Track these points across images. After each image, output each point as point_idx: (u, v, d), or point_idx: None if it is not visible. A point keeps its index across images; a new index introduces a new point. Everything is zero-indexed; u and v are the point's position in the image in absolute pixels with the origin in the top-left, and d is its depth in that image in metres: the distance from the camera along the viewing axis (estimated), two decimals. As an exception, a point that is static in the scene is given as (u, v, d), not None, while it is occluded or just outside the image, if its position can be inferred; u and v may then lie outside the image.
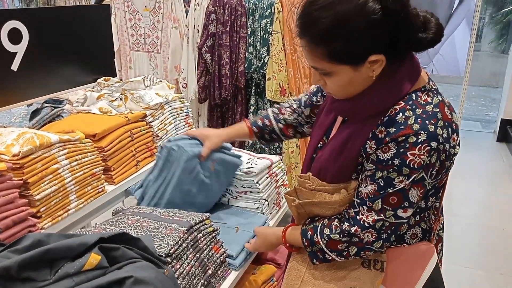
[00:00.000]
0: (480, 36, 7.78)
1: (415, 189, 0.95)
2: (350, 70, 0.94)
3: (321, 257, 1.05)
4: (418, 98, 0.96)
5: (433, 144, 0.92)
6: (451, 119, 0.97)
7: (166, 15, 2.96)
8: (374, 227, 0.98)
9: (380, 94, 0.97)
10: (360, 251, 1.01)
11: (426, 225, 1.09)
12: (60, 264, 0.82)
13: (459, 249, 2.79)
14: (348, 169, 1.04)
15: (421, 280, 1.06)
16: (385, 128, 0.95)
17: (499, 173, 4.04)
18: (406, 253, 1.06)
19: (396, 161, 0.93)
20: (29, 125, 1.65)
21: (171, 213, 1.19)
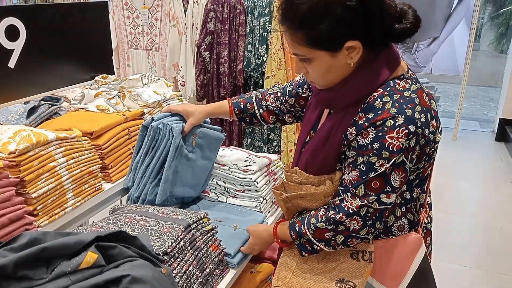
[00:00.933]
0: (479, 36, 7.79)
1: (396, 173, 0.96)
2: (328, 56, 0.98)
3: (309, 248, 1.06)
4: (396, 85, 1.00)
5: (411, 127, 0.94)
6: (430, 105, 1.00)
7: (164, 13, 2.95)
8: (358, 213, 0.99)
9: (359, 82, 1.00)
10: (347, 240, 1.02)
11: (413, 217, 1.10)
12: (56, 263, 0.82)
13: (457, 248, 2.79)
14: (332, 159, 1.06)
15: (410, 271, 1.07)
16: (364, 114, 0.98)
17: (497, 173, 4.05)
18: (394, 245, 1.08)
19: (375, 145, 0.95)
20: (26, 123, 1.64)
21: (168, 212, 1.18)
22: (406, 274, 1.07)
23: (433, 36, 4.72)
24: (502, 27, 7.60)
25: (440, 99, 6.86)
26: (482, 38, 8.13)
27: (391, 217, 1.07)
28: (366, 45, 0.96)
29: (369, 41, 0.96)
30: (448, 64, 4.78)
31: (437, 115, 1.03)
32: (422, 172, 1.06)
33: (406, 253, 1.07)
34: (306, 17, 0.94)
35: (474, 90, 7.52)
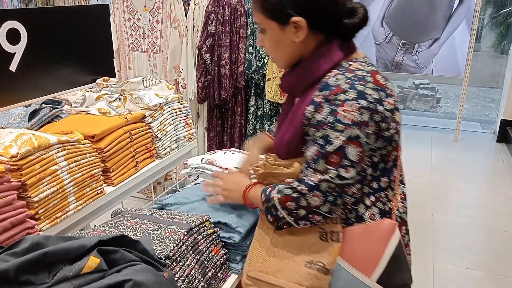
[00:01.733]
0: (480, 37, 7.79)
1: (353, 147, 1.00)
2: (278, 28, 1.09)
3: (274, 213, 1.09)
4: (350, 66, 1.07)
5: (362, 102, 1.00)
6: (384, 85, 1.06)
7: (165, 15, 2.96)
8: (319, 188, 1.02)
9: (313, 64, 1.09)
10: (308, 215, 1.06)
11: (384, 206, 1.13)
12: (58, 267, 0.82)
13: (459, 250, 2.79)
14: (298, 142, 1.11)
15: (384, 257, 1.08)
16: (320, 92, 1.04)
17: (498, 174, 4.04)
18: (368, 230, 1.10)
19: (330, 118, 1.01)
20: (28, 126, 1.64)
21: (170, 215, 1.18)
22: (381, 260, 1.08)
23: (434, 37, 4.72)
24: (502, 28, 7.60)
25: (441, 100, 6.86)
26: (482, 39, 8.12)
27: (361, 206, 1.11)
28: (314, 28, 1.07)
29: (316, 23, 1.07)
30: (449, 65, 4.78)
31: (394, 94, 1.08)
32: (387, 156, 1.10)
33: (379, 238, 1.09)
34: None
35: (475, 91, 7.51)
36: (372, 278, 1.07)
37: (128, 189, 1.57)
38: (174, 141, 1.81)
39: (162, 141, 1.73)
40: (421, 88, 6.73)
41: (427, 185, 3.72)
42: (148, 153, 1.68)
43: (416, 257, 2.67)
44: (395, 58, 4.91)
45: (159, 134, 1.71)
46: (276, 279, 1.12)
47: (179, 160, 1.90)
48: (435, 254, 2.72)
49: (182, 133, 1.86)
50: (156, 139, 1.71)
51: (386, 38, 4.89)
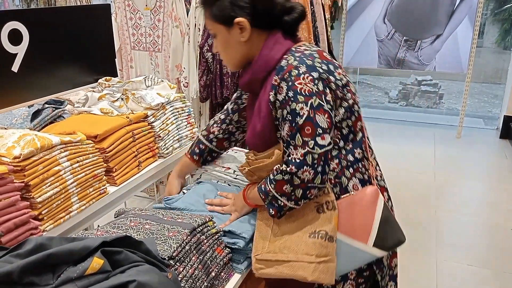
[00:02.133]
0: (482, 32, 7.75)
1: (319, 114, 1.08)
2: (225, 31, 1.20)
3: (275, 205, 1.14)
4: (298, 48, 1.18)
5: (314, 74, 1.10)
6: (331, 60, 1.18)
7: (167, 14, 2.95)
8: (306, 162, 1.07)
9: (265, 54, 1.18)
10: (305, 192, 1.11)
11: (363, 176, 1.21)
12: (62, 269, 0.82)
13: (463, 247, 2.78)
14: (270, 130, 1.19)
15: (376, 221, 1.16)
16: (276, 76, 1.14)
17: (502, 170, 4.02)
18: (354, 200, 1.18)
19: (290, 93, 1.10)
20: (30, 126, 1.64)
21: (173, 215, 1.18)
22: (373, 224, 1.16)
23: (437, 34, 4.70)
24: (506, 23, 7.56)
25: (444, 96, 6.83)
26: (485, 35, 8.08)
27: (343, 178, 1.19)
28: (257, 26, 1.18)
29: (258, 22, 1.17)
30: (451, 61, 4.76)
31: (342, 67, 1.19)
32: (354, 127, 1.20)
33: (367, 205, 1.17)
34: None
35: (478, 87, 7.47)
36: (369, 243, 1.16)
37: (131, 189, 1.57)
38: (176, 141, 1.81)
39: (164, 140, 1.73)
40: (423, 84, 6.71)
41: (430, 182, 3.71)
42: (151, 152, 1.68)
43: (420, 254, 2.69)
44: (397, 55, 4.90)
45: (162, 133, 1.71)
46: (285, 255, 1.15)
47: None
48: (439, 251, 2.72)
49: (184, 132, 1.86)
50: (158, 139, 1.71)
51: (388, 35, 4.87)
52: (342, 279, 1.23)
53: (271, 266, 1.16)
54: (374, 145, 1.33)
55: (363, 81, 7.63)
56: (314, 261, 1.13)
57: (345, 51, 5.08)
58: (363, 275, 1.25)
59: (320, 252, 1.14)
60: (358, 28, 4.98)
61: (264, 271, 1.16)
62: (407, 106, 6.68)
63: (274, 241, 1.18)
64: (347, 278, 1.23)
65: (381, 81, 7.80)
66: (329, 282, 1.15)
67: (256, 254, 1.17)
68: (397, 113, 6.17)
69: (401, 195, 3.39)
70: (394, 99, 6.93)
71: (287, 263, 1.14)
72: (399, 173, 3.87)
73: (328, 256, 1.14)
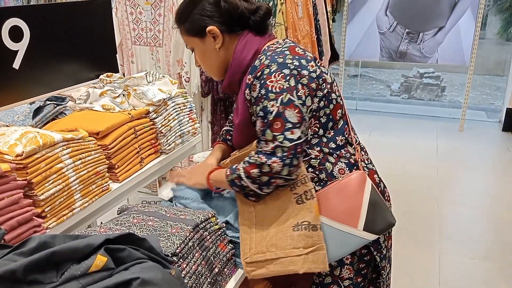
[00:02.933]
0: (485, 24, 7.70)
1: (289, 110, 1.13)
2: (200, 42, 1.29)
3: (238, 184, 1.19)
4: (271, 47, 1.24)
5: (285, 71, 1.15)
6: (304, 54, 1.22)
7: (167, 8, 2.94)
8: (275, 154, 1.12)
9: (238, 56, 1.25)
10: (270, 180, 1.14)
11: (348, 160, 1.26)
12: (66, 266, 0.82)
13: (465, 240, 2.78)
14: (248, 125, 1.24)
15: (364, 205, 1.20)
16: (250, 75, 1.20)
17: (504, 163, 4.02)
18: (342, 185, 1.21)
19: (262, 91, 1.15)
20: (32, 123, 1.64)
21: (176, 212, 1.18)
22: (361, 208, 1.20)
23: (439, 26, 4.67)
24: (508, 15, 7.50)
25: (446, 89, 6.81)
26: (487, 26, 8.03)
27: (327, 165, 1.24)
28: (227, 31, 1.26)
29: (227, 27, 1.25)
30: (454, 53, 4.73)
31: (315, 60, 1.23)
32: (333, 115, 1.24)
33: (354, 189, 1.21)
34: (182, 13, 1.29)
35: (480, 79, 7.44)
36: (359, 227, 1.20)
37: (134, 185, 1.57)
38: (178, 136, 1.81)
39: (166, 136, 1.73)
40: (425, 77, 6.69)
41: (433, 175, 3.71)
42: (153, 148, 1.68)
43: (422, 247, 2.69)
44: (399, 47, 4.87)
45: (164, 129, 1.71)
46: (273, 253, 1.17)
47: (184, 155, 1.90)
48: (442, 245, 2.72)
49: (186, 128, 1.86)
50: (160, 135, 1.70)
51: (390, 27, 4.85)
52: (339, 264, 1.27)
53: (262, 266, 1.17)
54: (375, 138, 1.36)
55: (365, 74, 7.61)
56: (302, 253, 1.15)
57: (347, 44, 5.05)
58: (363, 259, 1.28)
59: (306, 243, 1.16)
60: (360, 21, 4.95)
61: (256, 272, 1.18)
62: (409, 99, 6.66)
63: (260, 241, 1.19)
64: (343, 263, 1.26)
65: (383, 74, 7.77)
66: (323, 269, 1.17)
67: (245, 258, 1.19)
68: (399, 106, 6.16)
69: (404, 188, 3.39)
70: (396, 92, 6.91)
71: (277, 260, 1.16)
72: (401, 166, 3.87)
73: (315, 245, 1.16)
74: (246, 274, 1.20)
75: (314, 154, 1.23)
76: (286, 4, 2.64)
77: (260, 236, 1.20)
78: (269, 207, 1.21)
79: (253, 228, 1.22)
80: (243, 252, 1.20)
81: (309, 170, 1.23)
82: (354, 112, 5.52)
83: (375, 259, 1.28)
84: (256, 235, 1.21)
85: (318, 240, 1.17)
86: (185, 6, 1.29)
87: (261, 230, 1.21)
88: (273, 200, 1.21)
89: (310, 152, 1.23)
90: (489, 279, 2.42)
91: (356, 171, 1.24)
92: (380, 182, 1.33)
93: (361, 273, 1.29)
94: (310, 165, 1.24)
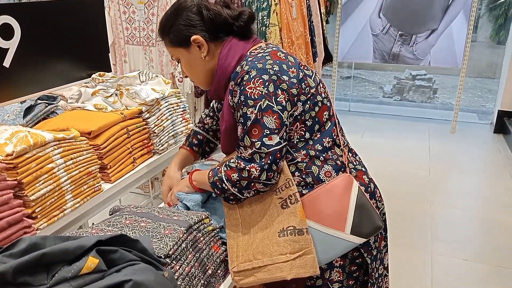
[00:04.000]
0: (477, 27, 7.77)
1: (267, 116, 1.12)
2: (186, 52, 1.27)
3: (219, 186, 1.18)
4: (253, 52, 1.24)
5: (264, 77, 1.14)
6: (285, 59, 1.21)
7: (161, 7, 2.92)
8: (253, 160, 1.12)
9: (222, 63, 1.24)
10: (249, 184, 1.15)
11: (335, 162, 1.24)
12: (57, 268, 0.81)
13: (458, 242, 2.79)
14: (234, 129, 1.22)
15: (350, 208, 1.19)
16: (232, 81, 1.20)
17: (496, 164, 4.05)
18: (328, 189, 1.21)
19: (241, 98, 1.15)
20: (23, 123, 1.62)
21: (169, 212, 1.17)
22: (348, 211, 1.19)
23: (431, 28, 4.69)
24: (500, 18, 7.58)
25: (438, 91, 6.85)
26: (479, 29, 8.10)
27: (314, 168, 1.22)
28: (212, 39, 1.25)
29: (211, 35, 1.24)
30: (446, 56, 4.76)
31: (296, 65, 1.22)
32: (319, 117, 1.23)
33: (340, 193, 1.20)
34: (165, 25, 1.28)
35: (472, 81, 7.50)
36: (346, 231, 1.19)
37: (126, 186, 1.56)
38: (171, 137, 1.79)
39: (159, 136, 1.72)
40: (418, 79, 6.72)
41: (425, 176, 3.72)
42: (146, 149, 1.67)
43: (415, 248, 2.70)
44: (392, 50, 4.89)
45: (157, 129, 1.70)
46: (260, 261, 1.16)
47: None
48: (434, 246, 2.73)
49: (179, 128, 1.85)
50: (153, 135, 1.69)
51: (383, 29, 4.86)
52: (329, 267, 1.26)
53: (250, 275, 1.17)
54: (368, 139, 1.35)
55: (358, 76, 7.64)
56: (289, 259, 1.15)
57: (340, 45, 5.06)
58: (355, 262, 1.28)
59: (293, 248, 1.16)
60: (353, 23, 4.97)
61: (244, 281, 1.17)
62: (401, 100, 6.69)
63: (246, 248, 1.19)
64: (333, 266, 1.26)
65: (375, 76, 7.81)
66: (313, 273, 1.16)
67: (232, 267, 1.18)
68: (391, 108, 6.18)
69: (396, 190, 3.39)
70: (389, 94, 6.94)
71: (264, 268, 1.16)
72: (393, 168, 3.88)
73: (303, 250, 1.16)
74: (235, 284, 1.19)
75: (300, 158, 1.22)
76: (280, 4, 2.64)
77: (247, 243, 1.19)
78: (255, 212, 1.21)
79: (239, 233, 1.22)
80: (231, 261, 1.19)
81: (295, 174, 1.22)
82: (347, 114, 5.53)
83: (367, 261, 1.28)
84: (242, 241, 1.20)
85: (306, 244, 1.16)
86: (168, 18, 1.28)
87: (247, 236, 1.20)
88: (259, 205, 1.21)
89: (296, 156, 1.22)
90: (481, 280, 2.43)
91: (342, 174, 1.23)
92: (370, 182, 1.31)
93: (352, 275, 1.29)
94: (297, 169, 1.23)
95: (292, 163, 1.23)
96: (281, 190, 1.19)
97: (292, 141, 1.22)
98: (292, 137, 1.21)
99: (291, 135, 1.21)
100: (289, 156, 1.23)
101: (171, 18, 1.27)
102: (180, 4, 1.27)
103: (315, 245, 1.17)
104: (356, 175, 1.27)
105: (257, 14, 2.75)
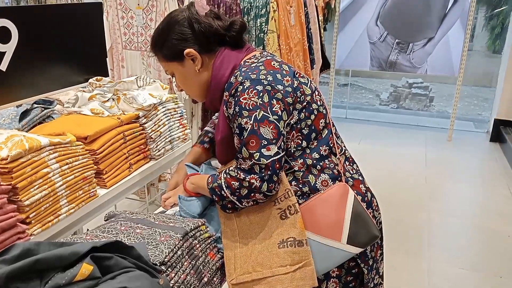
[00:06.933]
0: (473, 36, 7.83)
1: (263, 126, 1.12)
2: (179, 66, 1.27)
3: (218, 193, 1.17)
4: (246, 63, 1.23)
5: (258, 87, 1.14)
6: (279, 68, 1.21)
7: (159, 13, 2.92)
8: (253, 171, 1.11)
9: (216, 74, 1.24)
10: (249, 194, 1.13)
11: (332, 171, 1.23)
12: (50, 275, 0.80)
13: (454, 250, 2.79)
14: (230, 140, 1.21)
15: (347, 217, 1.18)
16: (226, 92, 1.20)
17: (492, 173, 4.05)
18: (324, 198, 1.20)
19: (236, 109, 1.14)
20: (19, 127, 1.60)
21: (165, 219, 1.16)
22: (344, 221, 1.18)
23: (429, 37, 4.72)
24: (497, 28, 7.64)
25: (435, 99, 6.88)
26: (475, 38, 8.16)
27: (311, 177, 1.21)
28: (205, 51, 1.25)
29: (204, 47, 1.24)
30: (443, 64, 4.78)
31: (293, 73, 1.22)
32: (315, 126, 1.22)
33: (336, 202, 1.19)
34: (157, 40, 1.28)
35: (468, 90, 7.53)
36: (342, 240, 1.18)
37: (122, 191, 1.55)
38: (168, 142, 1.79)
39: (156, 142, 1.71)
40: (414, 87, 6.75)
41: (421, 184, 3.72)
42: (142, 154, 1.66)
43: (411, 256, 2.68)
44: (389, 57, 4.91)
45: (153, 135, 1.69)
46: (260, 273, 1.15)
47: (173, 161, 1.88)
48: (430, 254, 2.72)
49: (176, 134, 1.84)
50: (150, 140, 1.68)
51: (380, 37, 4.89)
52: (325, 278, 1.25)
53: (249, 287, 1.15)
54: (365, 147, 1.34)
55: (355, 83, 7.66)
56: (289, 271, 1.14)
57: (338, 53, 5.08)
58: (351, 272, 1.27)
59: (293, 260, 1.15)
60: (351, 30, 4.99)
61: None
62: (398, 108, 6.71)
63: (245, 259, 1.17)
64: (330, 276, 1.25)
65: (372, 83, 7.83)
66: (312, 285, 1.15)
67: (231, 280, 1.16)
68: (388, 116, 6.19)
69: (393, 198, 3.39)
70: (385, 102, 6.96)
71: (264, 280, 1.14)
72: (390, 175, 3.88)
73: (302, 261, 1.15)
74: None
75: (297, 166, 1.21)
76: (279, 11, 2.64)
77: (245, 254, 1.18)
78: (253, 222, 1.20)
79: (236, 243, 1.20)
80: (228, 273, 1.17)
81: (292, 183, 1.21)
82: (344, 121, 5.53)
83: (363, 271, 1.27)
84: (240, 252, 1.18)
85: (305, 255, 1.15)
86: (160, 33, 1.28)
87: (245, 247, 1.19)
88: (257, 215, 1.19)
89: (293, 165, 1.21)
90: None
91: (338, 183, 1.22)
92: (366, 191, 1.30)
93: (348, 286, 1.27)
94: (294, 178, 1.21)
95: (290, 172, 1.22)
96: (280, 200, 1.18)
97: (289, 150, 1.21)
98: (289, 146, 1.21)
99: (288, 144, 1.20)
100: (286, 165, 1.21)
101: (163, 33, 1.27)
102: (171, 18, 1.27)
103: (312, 255, 1.16)
104: (353, 184, 1.26)
105: (255, 21, 2.76)
